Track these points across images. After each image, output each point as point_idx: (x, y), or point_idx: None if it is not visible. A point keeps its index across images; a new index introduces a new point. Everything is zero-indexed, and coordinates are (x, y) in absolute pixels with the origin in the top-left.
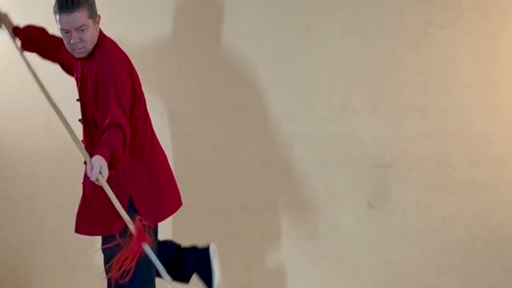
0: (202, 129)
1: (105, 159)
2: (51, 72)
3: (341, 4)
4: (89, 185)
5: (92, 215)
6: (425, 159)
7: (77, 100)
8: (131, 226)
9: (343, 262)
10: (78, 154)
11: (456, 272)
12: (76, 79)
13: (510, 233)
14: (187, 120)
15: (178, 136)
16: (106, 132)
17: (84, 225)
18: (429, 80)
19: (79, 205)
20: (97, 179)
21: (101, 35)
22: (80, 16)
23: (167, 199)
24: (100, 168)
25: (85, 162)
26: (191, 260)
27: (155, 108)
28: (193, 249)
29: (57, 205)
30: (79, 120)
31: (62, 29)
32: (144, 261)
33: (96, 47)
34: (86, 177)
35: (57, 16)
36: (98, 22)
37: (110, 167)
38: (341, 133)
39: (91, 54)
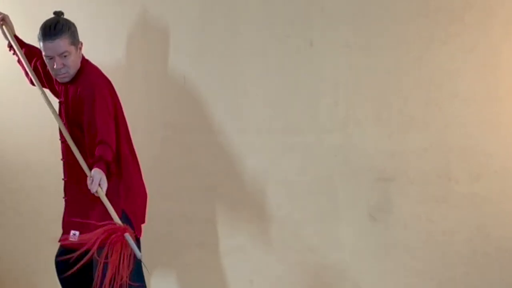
0: (205, 141)
1: (103, 172)
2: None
3: (344, 18)
4: (70, 199)
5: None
6: (427, 172)
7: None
8: (118, 222)
9: (345, 274)
10: None
11: (457, 284)
12: (60, 103)
13: (511, 246)
14: (190, 132)
15: (181, 147)
16: (96, 149)
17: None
18: (431, 94)
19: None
20: (96, 191)
21: (84, 60)
22: (62, 43)
23: (144, 212)
24: (99, 180)
25: (63, 179)
26: None
27: (159, 120)
28: None
29: (62, 216)
30: (61, 141)
31: (46, 56)
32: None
33: (79, 72)
34: (67, 192)
35: (41, 43)
36: (80, 49)
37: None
38: (343, 146)
39: (74, 78)
